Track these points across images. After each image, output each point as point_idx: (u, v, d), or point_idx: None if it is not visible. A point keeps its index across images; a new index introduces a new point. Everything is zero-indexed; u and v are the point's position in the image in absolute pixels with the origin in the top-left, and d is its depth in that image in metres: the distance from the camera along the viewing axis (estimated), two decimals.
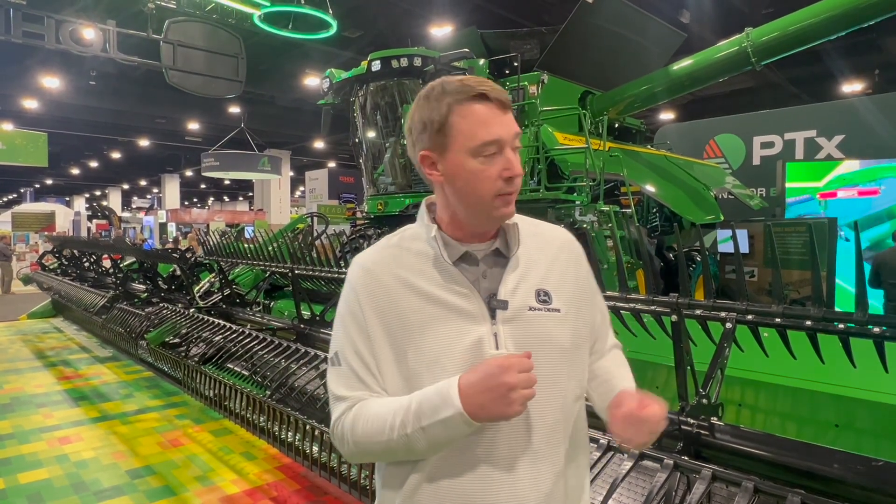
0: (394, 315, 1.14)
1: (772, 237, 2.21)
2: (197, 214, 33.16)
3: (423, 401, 1.07)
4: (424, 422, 1.05)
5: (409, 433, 1.06)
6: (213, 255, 5.94)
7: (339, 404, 1.15)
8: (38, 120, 18.92)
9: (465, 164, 1.11)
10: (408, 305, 1.14)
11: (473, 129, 1.10)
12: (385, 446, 1.09)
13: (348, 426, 1.12)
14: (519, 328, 1.14)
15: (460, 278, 1.15)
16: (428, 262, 1.16)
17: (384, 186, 7.66)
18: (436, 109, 1.12)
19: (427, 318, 1.13)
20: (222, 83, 9.51)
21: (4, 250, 16.33)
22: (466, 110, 1.10)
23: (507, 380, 1.00)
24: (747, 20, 6.93)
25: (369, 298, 1.16)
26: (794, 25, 5.60)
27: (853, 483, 1.65)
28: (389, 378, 1.14)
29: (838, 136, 9.66)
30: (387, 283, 1.16)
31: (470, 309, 1.13)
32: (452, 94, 1.11)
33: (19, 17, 7.97)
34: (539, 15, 11.05)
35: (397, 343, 1.13)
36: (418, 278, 1.15)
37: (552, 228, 1.29)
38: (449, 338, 1.12)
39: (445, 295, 1.14)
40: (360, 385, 1.14)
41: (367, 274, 1.19)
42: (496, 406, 1.02)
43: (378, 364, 1.14)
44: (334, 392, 1.17)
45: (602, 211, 6.31)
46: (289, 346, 3.75)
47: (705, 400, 2.01)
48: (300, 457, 3.15)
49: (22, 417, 5.19)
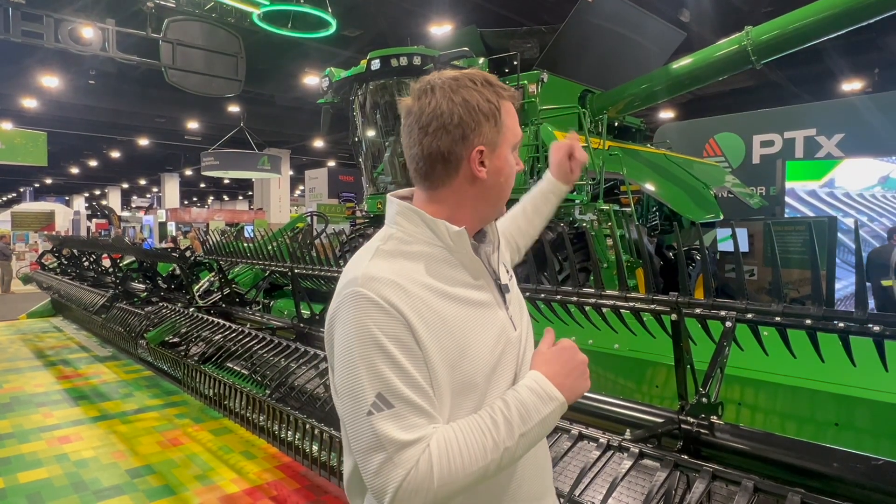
0: (441, 327, 1.02)
1: (772, 236, 2.21)
2: (197, 214, 33.14)
3: (518, 406, 1.01)
4: (525, 427, 1.00)
5: (510, 446, 0.98)
6: (213, 255, 5.93)
7: (404, 452, 0.93)
8: (38, 119, 18.91)
9: (509, 160, 1.15)
10: (448, 313, 1.04)
11: (515, 125, 1.15)
12: (483, 472, 0.97)
13: (427, 470, 0.92)
14: (516, 308, 1.21)
15: (484, 271, 1.15)
16: (441, 264, 1.08)
17: (384, 185, 7.65)
18: (490, 102, 1.10)
19: (466, 321, 1.06)
20: (222, 82, 9.50)
21: (4, 249, 16.32)
22: (509, 106, 1.14)
23: (582, 357, 1.10)
24: (747, 19, 6.93)
25: (416, 315, 1.00)
26: (794, 24, 5.60)
27: (853, 482, 1.65)
28: (444, 400, 1.01)
29: (838, 135, 9.66)
30: (421, 296, 1.02)
31: (489, 300, 1.14)
32: (498, 89, 1.13)
33: (18, 17, 7.95)
34: (538, 14, 11.04)
35: (449, 356, 1.02)
36: (443, 283, 1.07)
37: None
38: (487, 335, 1.09)
39: (469, 293, 1.10)
40: (425, 420, 0.97)
41: (400, 289, 1.01)
42: (581, 384, 1.10)
43: (438, 388, 1.00)
44: (394, 439, 0.93)
45: (602, 210, 6.31)
46: (288, 346, 3.75)
47: (705, 399, 2.00)
48: (300, 456, 3.15)
49: (22, 417, 5.19)
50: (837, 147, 9.63)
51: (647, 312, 2.40)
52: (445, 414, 1.01)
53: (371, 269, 1.03)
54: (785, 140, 10.26)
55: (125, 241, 12.55)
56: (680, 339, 2.05)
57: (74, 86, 15.74)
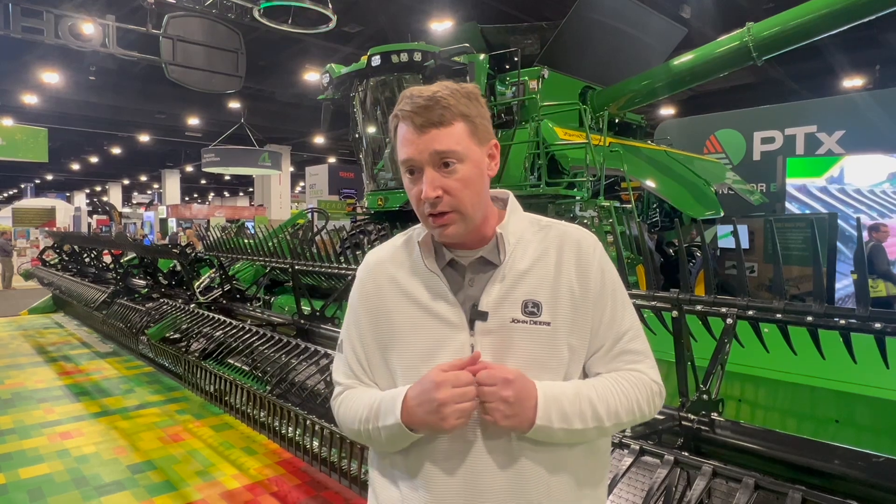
0: (382, 314, 1.19)
1: (772, 232, 2.21)
2: (197, 210, 33.14)
3: (381, 403, 1.12)
4: (380, 423, 1.11)
5: (370, 429, 1.13)
6: (214, 251, 5.93)
7: (336, 387, 1.26)
8: (38, 115, 18.89)
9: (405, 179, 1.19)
10: (395, 307, 1.18)
11: (400, 146, 1.17)
12: (356, 434, 1.18)
13: (336, 408, 1.24)
14: (499, 340, 1.12)
15: (441, 286, 1.15)
16: (421, 265, 1.18)
17: (384, 182, 7.65)
18: (395, 117, 1.17)
19: (411, 321, 1.15)
20: (222, 78, 9.47)
21: (5, 246, 16.33)
22: (400, 125, 1.18)
23: (438, 396, 1.02)
24: (748, 15, 6.89)
25: (363, 297, 1.23)
26: (795, 20, 5.58)
27: (853, 479, 1.65)
28: (378, 372, 1.20)
29: (839, 132, 9.64)
30: (381, 284, 1.21)
31: (451, 317, 1.13)
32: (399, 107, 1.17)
33: (18, 12, 7.93)
34: (539, 10, 11.01)
35: (383, 342, 1.18)
36: (409, 281, 1.18)
37: (564, 231, 1.20)
38: (428, 343, 1.13)
39: (430, 300, 1.15)
40: (352, 375, 1.23)
41: (367, 272, 1.25)
42: (430, 419, 1.04)
43: (368, 358, 1.21)
44: (334, 375, 1.28)
45: (602, 206, 6.31)
46: (289, 342, 3.76)
47: (706, 396, 2.01)
48: (300, 452, 3.16)
49: (23, 412, 5.19)
50: (838, 144, 9.61)
51: (648, 309, 2.40)
52: (382, 384, 1.19)
53: (371, 252, 1.29)
54: (786, 137, 10.24)
55: (126, 238, 12.55)
56: (681, 336, 2.06)
57: (75, 82, 15.72)
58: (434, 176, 1.09)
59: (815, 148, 9.84)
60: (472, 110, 1.12)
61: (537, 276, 1.14)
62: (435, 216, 1.10)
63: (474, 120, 1.12)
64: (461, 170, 1.09)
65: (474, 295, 1.15)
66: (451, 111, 1.08)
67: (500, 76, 7.03)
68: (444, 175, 1.09)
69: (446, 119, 1.08)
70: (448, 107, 1.08)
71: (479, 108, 1.14)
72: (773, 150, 10.22)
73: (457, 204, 1.09)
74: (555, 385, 1.09)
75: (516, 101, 6.79)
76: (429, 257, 1.17)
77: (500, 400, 1.02)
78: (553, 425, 1.05)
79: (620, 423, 1.13)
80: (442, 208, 1.09)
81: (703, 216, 6.95)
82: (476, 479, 1.09)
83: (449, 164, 1.09)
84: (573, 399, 1.08)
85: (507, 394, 1.02)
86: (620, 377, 1.14)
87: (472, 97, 1.13)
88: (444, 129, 1.08)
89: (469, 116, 1.11)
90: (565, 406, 1.07)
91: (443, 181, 1.09)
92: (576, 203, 6.29)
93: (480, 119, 1.13)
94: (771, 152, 10.24)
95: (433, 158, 1.08)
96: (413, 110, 1.09)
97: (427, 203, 1.09)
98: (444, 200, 1.09)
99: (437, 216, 1.10)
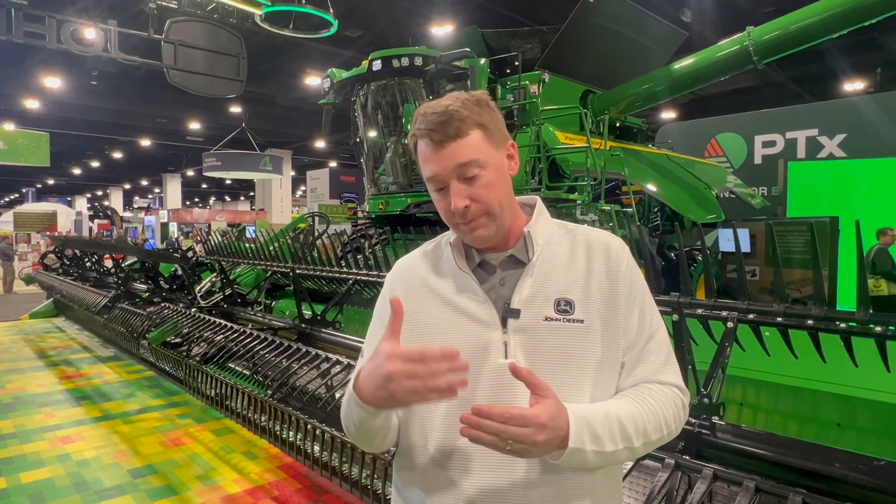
0: (413, 316, 1.16)
1: (773, 236, 2.21)
2: (198, 214, 33.23)
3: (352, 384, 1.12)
4: (349, 403, 1.13)
5: (350, 420, 1.14)
6: (215, 255, 5.94)
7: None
8: (40, 120, 18.95)
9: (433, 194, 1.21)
10: (426, 308, 1.19)
11: (422, 163, 1.20)
12: (350, 434, 1.18)
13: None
14: (532, 338, 1.12)
15: (473, 285, 1.17)
16: (452, 266, 1.21)
17: (385, 186, 7.66)
18: (413, 136, 1.20)
19: (443, 320, 1.17)
20: (223, 83, 9.49)
21: (6, 250, 16.35)
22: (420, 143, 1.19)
23: (386, 368, 0.98)
24: (749, 19, 6.92)
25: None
26: (796, 24, 5.59)
27: (855, 482, 1.64)
28: None
29: (840, 135, 9.65)
30: (411, 286, 1.23)
31: (483, 316, 1.14)
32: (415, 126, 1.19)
33: (20, 17, 7.96)
34: (540, 14, 11.05)
35: (415, 343, 1.09)
36: (440, 282, 1.20)
37: (593, 235, 1.22)
38: (458, 342, 1.12)
39: (461, 300, 1.17)
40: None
41: (396, 276, 1.28)
42: (377, 393, 1.01)
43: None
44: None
45: (603, 210, 6.31)
46: (290, 346, 3.75)
47: (707, 399, 2.00)
48: (301, 456, 3.15)
49: (24, 417, 5.19)
50: (839, 147, 9.62)
51: None
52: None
53: (401, 259, 1.32)
54: (787, 140, 10.25)
55: (127, 242, 12.56)
56: (682, 340, 2.06)
57: (76, 86, 15.77)
58: (460, 188, 1.11)
59: (817, 151, 9.84)
60: (486, 117, 1.14)
61: (568, 275, 1.16)
62: (466, 222, 1.14)
63: (489, 126, 1.14)
64: (484, 176, 1.12)
65: (506, 294, 1.16)
66: (466, 122, 1.11)
67: (500, 80, 7.05)
68: (469, 185, 1.12)
69: (463, 131, 1.10)
70: (463, 119, 1.10)
71: (493, 114, 1.16)
72: (775, 154, 10.23)
73: (485, 208, 1.12)
74: (584, 407, 1.06)
75: (517, 105, 6.80)
76: (460, 258, 1.19)
77: (532, 444, 0.97)
78: (585, 447, 1.01)
79: (650, 441, 1.10)
80: (472, 216, 1.12)
81: (705, 220, 6.94)
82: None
83: (472, 173, 1.11)
84: (603, 420, 1.05)
85: (539, 438, 0.97)
86: (646, 393, 1.13)
87: (483, 104, 1.14)
88: (463, 140, 1.11)
89: (484, 124, 1.13)
90: (597, 428, 1.03)
91: (469, 191, 1.11)
92: (577, 207, 6.30)
93: (495, 124, 1.15)
94: (772, 156, 10.25)
95: (457, 171, 1.11)
96: (430, 128, 1.11)
97: (458, 214, 1.12)
98: (472, 208, 1.12)
99: (468, 222, 1.13)
